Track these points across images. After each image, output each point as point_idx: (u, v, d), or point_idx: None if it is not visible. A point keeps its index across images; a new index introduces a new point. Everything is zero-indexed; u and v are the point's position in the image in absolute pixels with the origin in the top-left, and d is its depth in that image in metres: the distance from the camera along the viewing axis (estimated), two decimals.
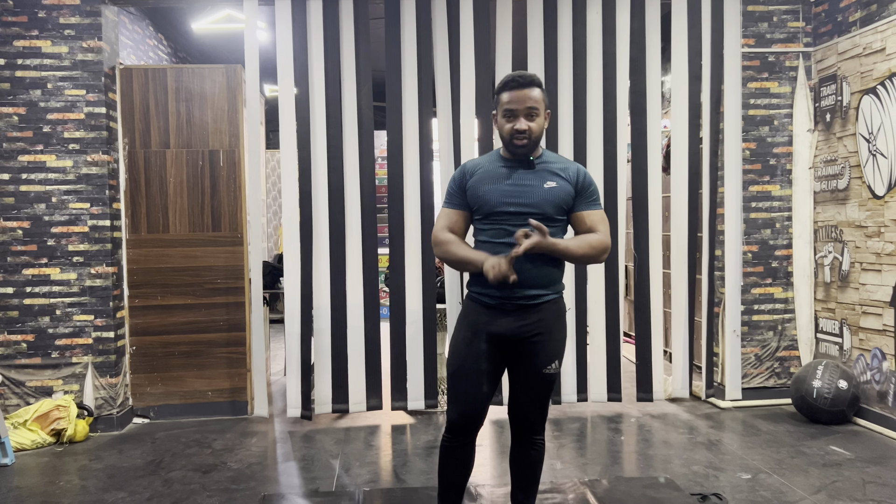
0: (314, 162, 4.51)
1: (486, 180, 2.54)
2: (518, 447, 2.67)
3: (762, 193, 4.77)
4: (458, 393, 2.56)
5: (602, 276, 4.64)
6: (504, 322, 2.51)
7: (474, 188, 2.55)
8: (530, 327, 2.50)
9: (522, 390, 2.58)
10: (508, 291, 2.46)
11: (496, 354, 2.55)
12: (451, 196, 2.62)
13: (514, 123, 2.46)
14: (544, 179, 2.51)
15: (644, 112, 4.63)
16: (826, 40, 4.63)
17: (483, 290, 2.53)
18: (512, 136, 2.47)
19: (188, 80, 4.67)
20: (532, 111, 2.46)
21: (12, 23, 4.35)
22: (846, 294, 4.46)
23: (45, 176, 4.39)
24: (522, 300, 2.49)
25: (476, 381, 2.54)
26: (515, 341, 2.52)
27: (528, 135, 2.46)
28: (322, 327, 4.54)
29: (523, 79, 2.47)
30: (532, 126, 2.47)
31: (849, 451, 3.84)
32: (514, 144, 2.49)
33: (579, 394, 4.67)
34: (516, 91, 2.47)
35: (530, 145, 2.49)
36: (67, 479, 3.67)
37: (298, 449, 4.08)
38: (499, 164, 2.57)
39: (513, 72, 2.64)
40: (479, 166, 2.60)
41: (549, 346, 2.54)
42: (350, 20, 4.50)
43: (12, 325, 4.40)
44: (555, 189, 2.49)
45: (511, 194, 2.49)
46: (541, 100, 2.50)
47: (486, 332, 2.52)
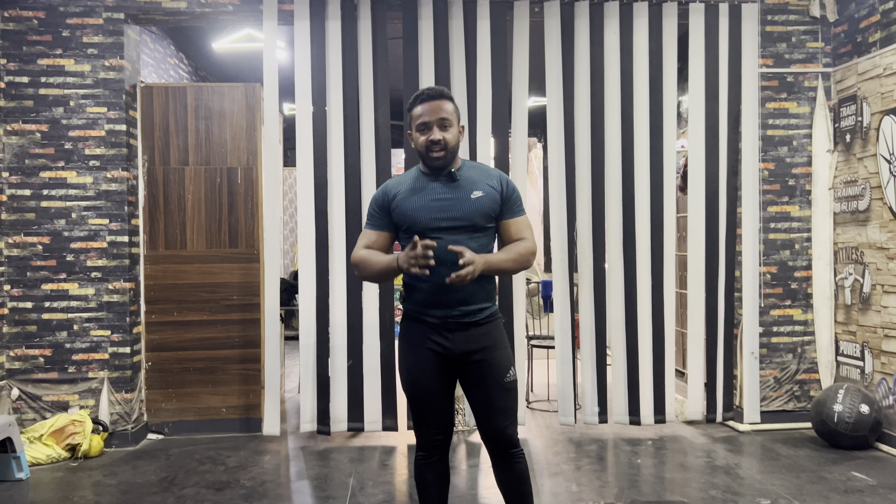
0: (331, 180, 4.53)
1: (412, 198, 2.52)
2: (500, 466, 2.58)
3: (781, 214, 4.73)
4: (422, 414, 2.56)
5: (622, 296, 4.60)
6: (451, 340, 2.49)
7: (400, 207, 2.52)
8: (478, 342, 2.49)
9: (489, 406, 2.52)
10: (448, 310, 2.46)
11: (447, 370, 2.54)
12: (373, 217, 2.60)
13: (429, 135, 2.46)
14: (470, 190, 2.51)
15: (661, 131, 4.62)
16: (846, 60, 4.60)
17: (422, 308, 2.51)
18: (427, 148, 2.47)
19: (207, 98, 4.72)
20: (445, 122, 2.47)
21: (37, 41, 4.43)
22: (867, 317, 4.39)
23: (65, 192, 4.45)
24: (464, 318, 2.48)
25: (437, 398, 2.54)
26: (466, 358, 2.50)
27: (444, 145, 2.46)
28: (338, 345, 4.53)
29: (433, 91, 2.51)
30: (447, 136, 2.47)
31: (871, 477, 3.76)
32: (431, 157, 2.48)
33: (600, 415, 4.62)
34: (427, 103, 2.49)
35: (447, 156, 2.49)
36: (81, 494, 3.67)
37: (312, 467, 4.06)
38: (422, 181, 2.55)
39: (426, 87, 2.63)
40: (401, 184, 2.58)
41: (501, 355, 2.52)
42: (368, 40, 4.53)
43: (31, 339, 4.43)
44: (482, 199, 2.50)
45: (439, 209, 2.48)
46: (453, 111, 2.51)
47: (434, 352, 2.51)
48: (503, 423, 2.52)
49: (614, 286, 4.62)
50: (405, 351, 2.58)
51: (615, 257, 4.61)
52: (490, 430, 2.53)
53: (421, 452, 2.61)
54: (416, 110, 2.51)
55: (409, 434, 4.64)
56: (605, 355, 4.63)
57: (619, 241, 4.60)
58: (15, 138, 4.42)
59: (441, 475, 2.63)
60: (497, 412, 2.51)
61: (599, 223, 4.60)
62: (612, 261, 4.61)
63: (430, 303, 2.48)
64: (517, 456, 2.56)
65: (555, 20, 4.58)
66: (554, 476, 3.84)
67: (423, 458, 2.60)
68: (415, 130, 2.51)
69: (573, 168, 4.59)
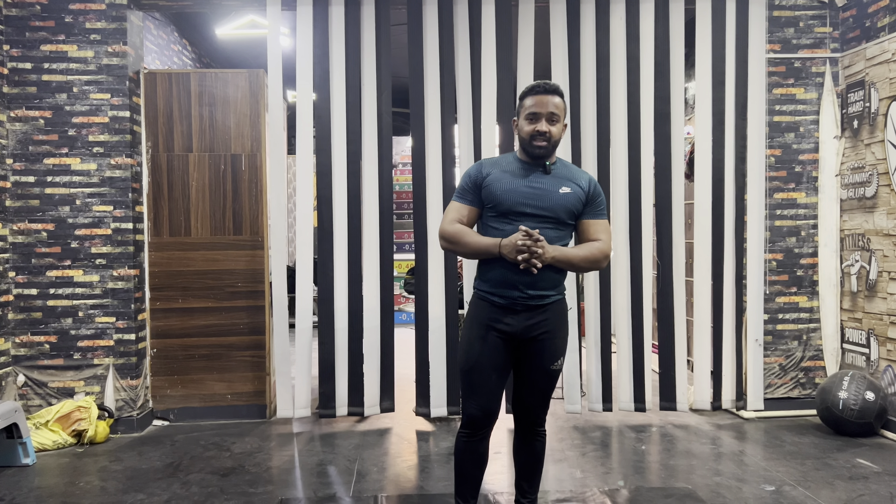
0: (333, 167, 4.52)
1: (504, 179, 2.62)
2: (522, 440, 2.80)
3: (787, 201, 4.70)
4: (475, 388, 2.66)
5: (628, 284, 4.59)
6: (513, 320, 2.61)
7: (491, 186, 2.62)
8: (538, 326, 2.62)
9: (529, 386, 2.70)
10: (516, 291, 2.57)
11: (506, 350, 2.66)
12: (464, 191, 2.69)
13: (537, 125, 2.57)
14: (559, 185, 2.62)
15: (668, 118, 4.59)
16: (854, 46, 4.56)
17: (492, 289, 2.63)
18: (532, 137, 2.58)
19: (211, 84, 4.70)
20: (554, 116, 2.58)
21: (39, 27, 4.41)
22: (873, 304, 4.38)
23: (69, 179, 4.44)
24: (530, 300, 2.59)
25: (491, 375, 2.65)
26: (524, 339, 2.63)
27: (549, 137, 2.58)
28: (339, 329, 4.54)
29: (548, 86, 2.61)
30: (553, 130, 2.59)
31: (876, 464, 3.75)
32: (534, 146, 2.59)
33: (605, 403, 4.62)
34: (541, 96, 2.59)
35: (549, 148, 2.60)
36: (87, 479, 3.69)
37: (317, 453, 4.07)
38: (516, 166, 2.66)
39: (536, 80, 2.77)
40: (496, 165, 2.68)
41: (556, 343, 2.66)
42: (371, 26, 4.51)
43: (36, 326, 4.44)
44: (569, 195, 2.61)
45: (528, 196, 2.59)
46: (562, 108, 2.62)
47: (497, 329, 2.62)
48: (537, 403, 2.72)
49: (620, 274, 4.60)
50: (470, 326, 2.68)
51: (621, 244, 4.59)
52: (523, 407, 2.74)
53: (464, 430, 2.70)
54: (527, 101, 2.62)
55: (413, 421, 4.65)
56: (609, 343, 4.62)
57: (626, 227, 4.58)
58: (18, 125, 4.42)
59: (478, 457, 2.72)
60: (536, 393, 2.70)
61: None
62: (619, 248, 4.60)
63: (500, 283, 2.59)
64: (540, 434, 2.78)
65: (560, 5, 4.55)
66: (559, 462, 3.84)
67: (466, 436, 2.70)
68: (522, 118, 2.61)
69: (579, 155, 4.56)
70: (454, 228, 2.63)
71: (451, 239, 2.64)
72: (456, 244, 2.63)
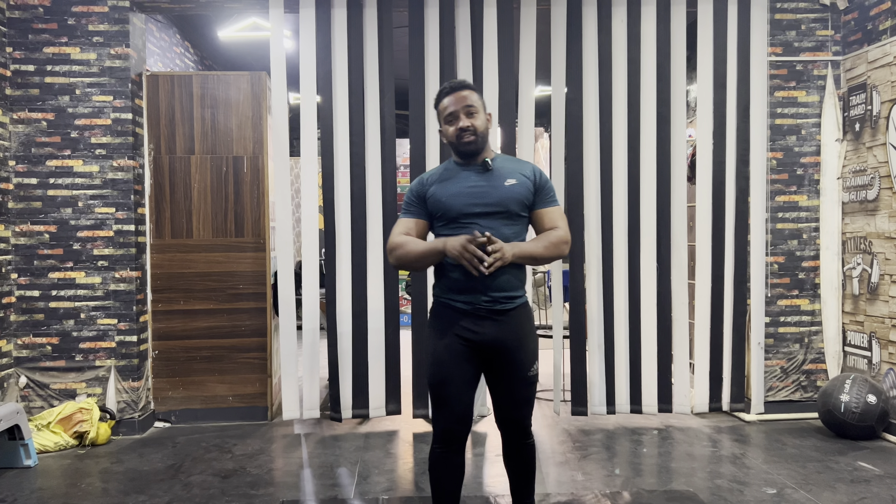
0: (337, 169, 4.52)
1: (447, 186, 2.58)
2: (511, 452, 2.70)
3: (789, 204, 4.70)
4: (446, 401, 2.56)
5: (625, 286, 4.59)
6: (480, 329, 2.52)
7: (436, 195, 2.58)
8: (508, 334, 2.54)
9: (509, 396, 2.60)
10: (478, 296, 2.50)
11: (476, 358, 2.57)
12: (409, 205, 2.64)
13: (458, 123, 2.52)
14: (503, 178, 2.57)
15: (669, 121, 4.59)
16: (856, 49, 4.56)
17: (453, 294, 2.55)
18: (458, 136, 2.53)
19: (213, 86, 4.71)
20: (470, 108, 2.54)
21: (42, 30, 4.42)
22: (875, 307, 4.37)
23: (71, 181, 4.45)
24: (494, 304, 2.52)
25: (460, 385, 2.56)
26: (495, 348, 2.54)
27: (473, 130, 2.53)
28: (343, 332, 4.54)
29: (455, 83, 2.57)
30: (475, 122, 2.53)
31: (877, 467, 3.75)
32: (463, 143, 2.54)
33: (608, 406, 4.61)
34: (451, 95, 2.56)
35: (478, 141, 2.55)
36: (89, 481, 3.69)
37: (318, 455, 4.07)
38: (456, 171, 2.61)
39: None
40: (436, 175, 2.64)
41: (528, 348, 2.58)
42: (374, 29, 4.51)
43: (38, 327, 4.45)
44: (516, 186, 2.56)
45: (474, 195, 2.53)
46: (478, 100, 2.58)
47: (463, 339, 2.53)
48: (521, 414, 2.62)
49: (620, 276, 4.60)
50: (433, 336, 2.61)
51: (621, 247, 4.59)
52: (508, 419, 2.63)
53: (437, 445, 2.59)
54: (442, 104, 2.58)
55: (414, 422, 4.65)
56: (612, 345, 4.62)
57: (625, 230, 4.58)
58: (21, 127, 4.43)
59: (456, 470, 2.62)
60: (517, 403, 2.60)
61: (607, 213, 4.58)
62: (619, 251, 4.59)
63: (459, 288, 2.52)
64: (529, 445, 2.69)
65: (562, 8, 4.55)
66: (560, 465, 3.84)
67: (440, 450, 2.59)
68: (444, 123, 2.58)
69: (580, 158, 4.56)
70: (399, 240, 2.56)
71: (395, 249, 2.55)
72: (401, 255, 2.54)
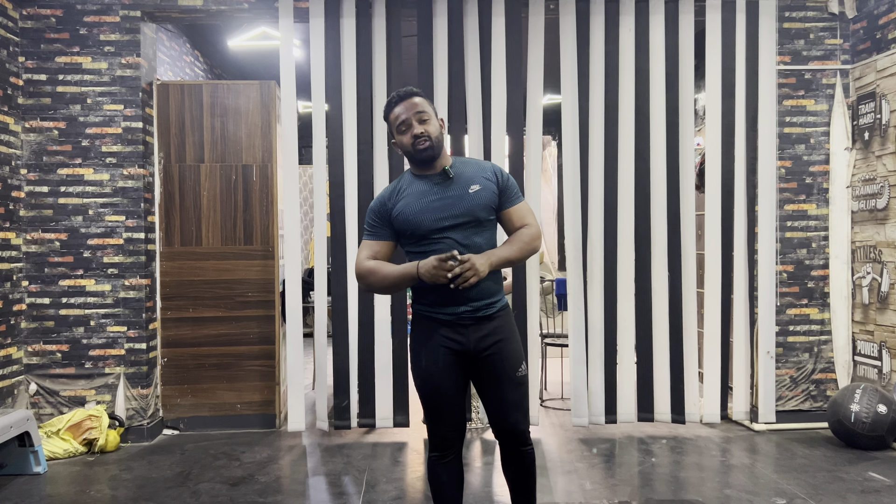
0: (346, 177, 4.54)
1: (411, 202, 2.50)
2: (510, 460, 2.63)
3: (798, 212, 4.69)
4: (437, 412, 2.55)
5: (632, 294, 4.59)
6: (463, 337, 2.49)
7: (402, 214, 2.50)
8: (490, 336, 2.50)
9: (499, 400, 2.54)
10: (460, 306, 2.47)
11: (462, 368, 2.54)
12: (373, 227, 2.57)
13: (411, 131, 2.48)
14: (467, 185, 2.51)
15: (677, 129, 4.59)
16: (865, 57, 4.56)
17: (433, 308, 2.52)
18: (413, 144, 2.48)
19: (223, 95, 4.74)
20: (422, 115, 2.48)
21: (54, 39, 4.47)
22: (885, 316, 4.35)
23: (82, 189, 4.48)
24: (476, 312, 2.49)
25: (451, 396, 2.54)
26: (479, 355, 2.51)
27: (428, 136, 2.47)
28: (350, 341, 4.54)
29: (402, 92, 2.52)
30: (428, 129, 2.47)
31: (888, 477, 3.72)
32: (419, 150, 2.48)
33: (608, 415, 4.60)
34: (400, 104, 2.51)
35: (434, 147, 2.48)
36: (98, 488, 3.70)
37: (326, 463, 4.08)
38: (417, 184, 2.54)
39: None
40: (398, 192, 2.56)
41: (512, 349, 2.54)
42: (382, 37, 4.53)
43: (48, 335, 4.47)
44: (480, 192, 2.50)
45: (441, 208, 2.47)
46: (428, 105, 2.53)
47: (448, 349, 2.51)
48: (515, 418, 2.55)
49: (626, 285, 4.59)
50: (418, 350, 2.56)
51: (627, 256, 4.58)
52: (503, 426, 2.56)
53: (435, 453, 2.59)
54: (392, 114, 2.52)
55: (421, 430, 4.65)
56: (615, 354, 4.60)
57: (632, 239, 4.58)
58: (33, 135, 4.47)
59: (455, 475, 2.62)
60: (510, 407, 2.54)
61: (612, 221, 4.57)
62: (624, 259, 4.59)
63: (441, 302, 2.48)
64: (528, 452, 2.61)
65: (570, 17, 4.57)
66: (567, 474, 3.83)
67: (438, 458, 2.59)
68: (397, 134, 2.52)
69: (587, 166, 4.57)
70: (368, 265, 2.50)
71: (365, 276, 2.50)
72: (373, 283, 2.50)
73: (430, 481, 2.63)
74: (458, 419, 2.57)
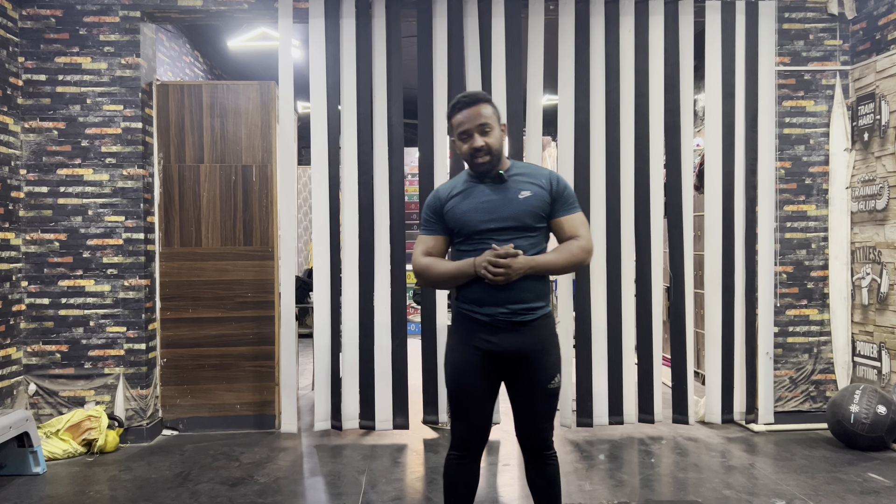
0: (344, 178, 4.54)
1: (462, 202, 2.54)
2: (533, 466, 2.64)
3: (798, 213, 4.69)
4: (462, 410, 2.56)
5: (632, 296, 4.59)
6: (499, 339, 2.48)
7: (452, 211, 2.54)
8: (526, 344, 2.49)
9: (528, 408, 2.56)
10: (497, 308, 2.46)
11: (493, 370, 2.54)
12: (428, 222, 2.61)
13: (471, 142, 2.47)
14: (518, 190, 2.51)
15: (677, 130, 4.59)
16: (864, 58, 4.56)
17: (472, 306, 2.52)
18: (472, 155, 2.49)
19: (223, 96, 4.74)
20: (484, 127, 2.47)
21: (54, 40, 4.46)
22: (885, 317, 4.35)
23: (82, 189, 4.48)
24: (513, 316, 2.47)
25: (479, 397, 2.54)
26: (513, 359, 2.50)
27: (487, 150, 2.47)
28: (349, 343, 4.54)
29: (469, 97, 2.50)
30: (489, 141, 2.47)
31: (888, 478, 3.72)
32: (476, 163, 2.50)
33: (612, 416, 4.60)
34: (465, 111, 2.49)
35: (492, 160, 2.49)
36: (97, 489, 3.70)
37: (325, 464, 4.07)
38: (471, 184, 2.57)
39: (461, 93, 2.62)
40: (452, 189, 2.59)
41: (549, 360, 2.52)
42: (382, 38, 4.53)
43: (47, 335, 4.47)
44: (530, 199, 2.50)
45: (488, 211, 2.49)
46: (492, 114, 2.51)
47: (481, 350, 2.51)
48: (541, 426, 2.57)
49: (627, 285, 4.59)
50: (453, 346, 2.59)
51: (628, 256, 4.58)
52: (527, 432, 2.58)
53: (454, 452, 2.60)
54: (456, 118, 2.51)
55: (421, 431, 4.65)
56: (619, 356, 4.60)
57: (632, 239, 4.58)
58: (32, 136, 4.46)
59: (471, 477, 2.62)
60: (537, 416, 2.55)
61: (614, 222, 4.57)
62: (626, 259, 4.58)
63: (479, 300, 2.49)
64: (550, 458, 2.61)
65: (569, 18, 4.57)
66: (567, 474, 3.83)
67: (457, 457, 2.59)
68: (458, 139, 2.52)
69: (587, 167, 4.56)
70: (424, 262, 2.55)
71: (422, 273, 2.55)
72: (428, 277, 2.54)
73: (444, 477, 2.64)
74: (481, 422, 2.57)
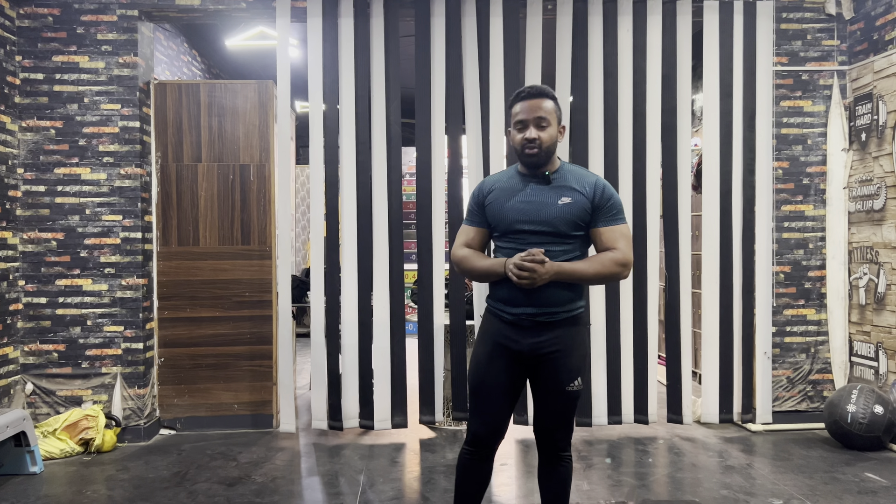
0: (342, 177, 4.54)
1: (503, 196, 2.53)
2: (545, 464, 2.64)
3: (795, 213, 4.70)
4: (479, 407, 2.56)
5: (630, 295, 4.59)
6: (521, 338, 2.49)
7: (492, 205, 2.55)
8: (548, 344, 2.47)
9: (546, 408, 2.56)
10: (524, 308, 2.46)
11: (516, 369, 2.54)
12: (471, 213, 2.64)
13: (525, 133, 2.46)
14: (559, 195, 2.47)
15: (675, 130, 4.59)
16: (862, 59, 4.56)
17: (499, 305, 2.53)
18: (523, 146, 2.47)
19: (220, 95, 4.73)
20: (542, 121, 2.45)
21: (52, 38, 4.46)
22: (882, 317, 4.36)
23: (79, 188, 4.47)
24: (538, 317, 2.47)
25: (497, 395, 2.54)
26: (535, 358, 2.50)
27: (539, 144, 2.44)
28: (348, 343, 4.54)
29: (534, 90, 2.49)
30: (542, 135, 2.44)
31: (885, 478, 3.73)
32: (525, 154, 2.47)
33: (611, 416, 4.60)
34: (527, 101, 2.47)
35: (541, 155, 2.46)
36: (94, 488, 3.69)
37: (323, 464, 4.07)
38: (516, 180, 2.56)
39: None
40: (497, 182, 2.60)
41: (570, 362, 2.50)
42: (380, 37, 4.53)
43: (44, 334, 4.46)
44: (570, 205, 2.45)
45: (524, 212, 2.47)
46: (552, 111, 2.48)
47: (505, 347, 2.51)
48: (554, 426, 2.57)
49: (625, 286, 4.59)
50: (478, 341, 2.60)
51: None
52: (542, 430, 2.59)
53: (468, 448, 2.60)
54: (515, 108, 2.50)
55: (419, 431, 4.65)
56: (618, 356, 4.60)
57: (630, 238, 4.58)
58: (30, 134, 4.45)
59: (480, 475, 2.61)
60: (554, 416, 2.56)
61: None
62: None
63: (507, 300, 2.49)
64: (564, 459, 2.61)
65: (567, 18, 4.57)
66: None
67: (470, 453, 2.59)
68: (514, 128, 2.51)
69: (585, 167, 4.57)
70: (461, 253, 2.58)
71: (459, 263, 2.59)
72: (464, 269, 2.58)
73: (457, 472, 2.64)
74: (496, 420, 2.56)
